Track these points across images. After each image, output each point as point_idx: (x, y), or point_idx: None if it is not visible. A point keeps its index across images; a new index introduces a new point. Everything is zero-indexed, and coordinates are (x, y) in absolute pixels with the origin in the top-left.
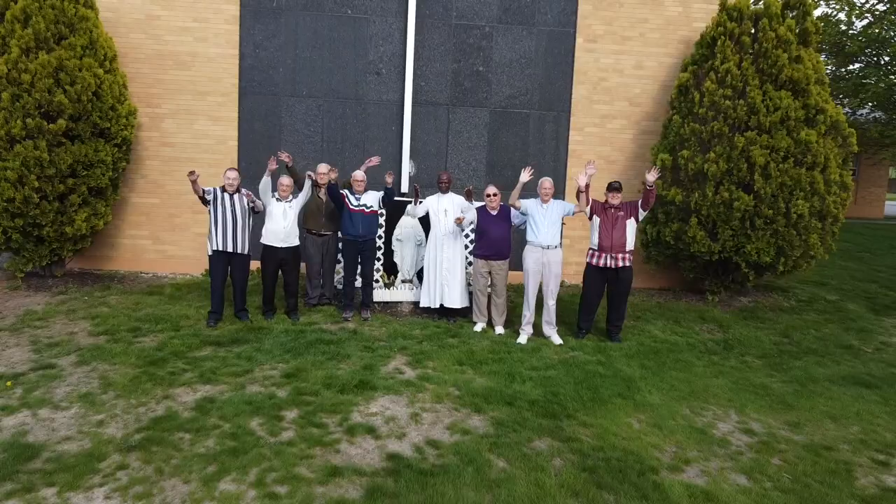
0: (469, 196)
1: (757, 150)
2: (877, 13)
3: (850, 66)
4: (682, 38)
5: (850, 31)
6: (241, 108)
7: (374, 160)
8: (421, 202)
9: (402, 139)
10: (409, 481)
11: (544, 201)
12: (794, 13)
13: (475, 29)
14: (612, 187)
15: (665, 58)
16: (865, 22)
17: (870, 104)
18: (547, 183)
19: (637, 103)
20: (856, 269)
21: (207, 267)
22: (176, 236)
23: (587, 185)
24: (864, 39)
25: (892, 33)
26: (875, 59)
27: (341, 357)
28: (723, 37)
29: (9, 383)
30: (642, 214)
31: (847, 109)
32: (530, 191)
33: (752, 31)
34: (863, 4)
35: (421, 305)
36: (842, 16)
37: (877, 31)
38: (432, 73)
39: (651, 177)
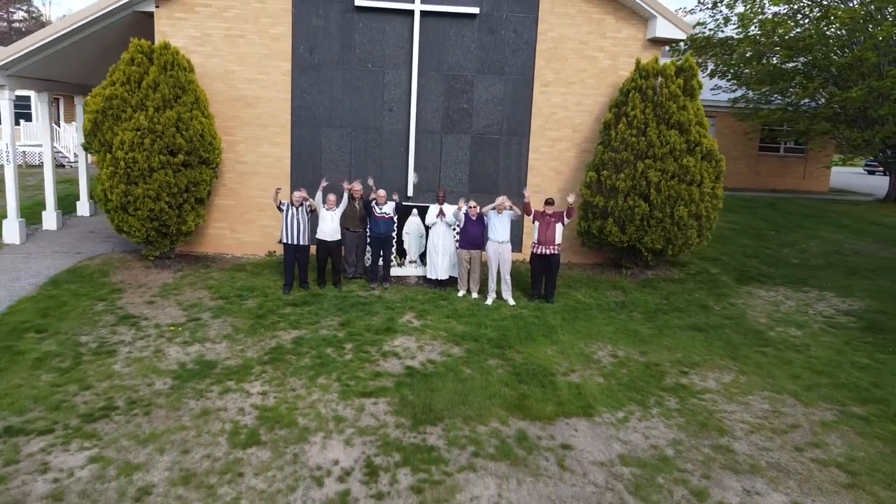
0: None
1: (652, 172)
2: (812, 18)
3: (795, 62)
4: (611, 82)
5: (794, 32)
6: (293, 136)
7: (362, 183)
8: (428, 209)
9: (408, 157)
10: (418, 379)
11: (499, 212)
12: (685, 74)
13: (461, 77)
14: (547, 202)
15: (598, 97)
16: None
17: (809, 98)
18: (500, 199)
19: (578, 130)
20: (750, 246)
21: (270, 250)
22: (247, 228)
23: (527, 202)
24: (805, 39)
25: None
26: (812, 57)
27: (373, 313)
28: (633, 90)
29: (179, 329)
30: (567, 221)
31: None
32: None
33: (655, 86)
34: (801, 9)
35: (428, 278)
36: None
37: (807, 36)
38: (430, 109)
39: (571, 199)
